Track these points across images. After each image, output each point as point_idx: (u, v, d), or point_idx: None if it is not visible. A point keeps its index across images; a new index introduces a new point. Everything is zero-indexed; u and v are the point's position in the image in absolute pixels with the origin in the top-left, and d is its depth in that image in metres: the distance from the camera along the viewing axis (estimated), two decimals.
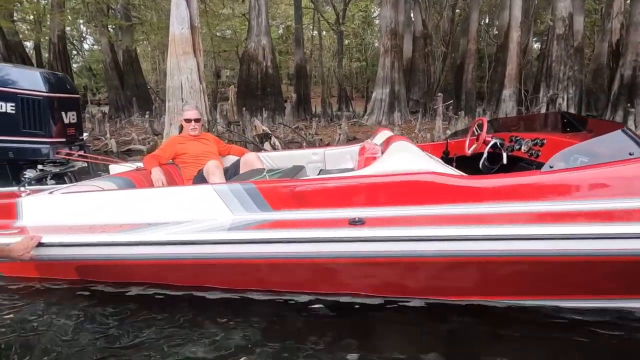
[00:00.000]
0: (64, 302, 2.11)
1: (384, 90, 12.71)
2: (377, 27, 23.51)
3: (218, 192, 2.17)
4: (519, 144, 2.87)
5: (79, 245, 2.06)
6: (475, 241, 1.82)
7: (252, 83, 13.47)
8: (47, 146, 3.09)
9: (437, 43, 15.26)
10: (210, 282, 2.14)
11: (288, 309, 2.03)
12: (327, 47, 22.98)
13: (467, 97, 14.05)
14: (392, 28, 12.48)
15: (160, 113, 12.78)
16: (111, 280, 2.21)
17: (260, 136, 7.79)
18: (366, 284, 2.04)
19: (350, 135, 10.10)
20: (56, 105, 3.16)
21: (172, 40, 7.43)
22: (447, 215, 1.96)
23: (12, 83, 3.00)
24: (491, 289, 1.99)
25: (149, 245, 2.00)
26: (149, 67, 23.57)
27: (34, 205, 2.34)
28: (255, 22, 13.25)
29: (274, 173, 2.76)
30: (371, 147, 2.39)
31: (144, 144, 9.52)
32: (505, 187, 2.00)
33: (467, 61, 14.08)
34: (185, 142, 3.38)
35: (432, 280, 1.99)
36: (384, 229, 1.88)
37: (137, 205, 2.26)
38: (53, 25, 15.11)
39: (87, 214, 2.27)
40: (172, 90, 7.54)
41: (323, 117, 14.07)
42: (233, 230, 1.98)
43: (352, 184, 2.08)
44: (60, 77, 3.34)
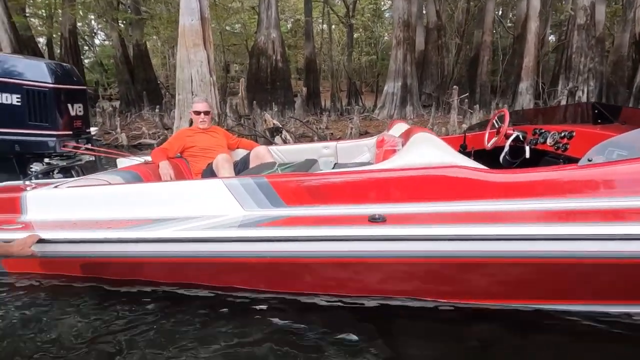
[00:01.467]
0: (68, 299, 2.03)
1: (396, 83, 12.46)
2: (387, 19, 23.14)
3: (228, 187, 2.05)
4: (544, 137, 2.70)
5: (84, 242, 1.97)
6: (507, 241, 1.67)
7: (261, 77, 13.34)
8: (54, 139, 3.01)
9: (450, 35, 14.87)
10: (220, 281, 2.03)
11: (302, 310, 1.91)
12: (336, 41, 22.69)
13: (482, 90, 13.69)
14: (405, 20, 12.18)
15: (170, 107, 12.76)
16: (118, 278, 2.11)
17: (271, 130, 7.67)
18: (387, 285, 1.91)
19: (362, 130, 9.92)
20: (62, 97, 3.07)
21: (182, 32, 7.32)
22: (476, 212, 1.80)
23: (17, 74, 2.92)
24: (523, 292, 1.83)
25: (156, 243, 1.89)
26: (159, 62, 23.58)
27: (38, 199, 2.25)
28: (265, 15, 13.08)
29: (286, 167, 2.64)
30: (390, 140, 2.24)
31: (154, 138, 9.49)
32: (539, 182, 1.84)
33: (482, 53, 13.70)
34: (194, 135, 3.29)
35: (458, 282, 1.84)
36: (407, 226, 1.73)
37: (144, 200, 2.16)
38: (64, 20, 15.17)
39: (93, 208, 2.17)
40: (182, 83, 7.45)
41: (333, 112, 13.89)
42: (245, 227, 1.86)
43: (371, 178, 1.94)
44: (67, 69, 3.26)
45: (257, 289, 2.00)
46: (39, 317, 1.89)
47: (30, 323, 1.85)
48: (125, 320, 1.86)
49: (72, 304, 2.00)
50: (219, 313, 1.91)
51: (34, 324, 1.85)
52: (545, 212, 1.75)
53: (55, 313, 1.93)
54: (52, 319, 1.88)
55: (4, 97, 2.86)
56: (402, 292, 1.91)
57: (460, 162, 1.92)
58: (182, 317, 1.88)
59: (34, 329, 1.82)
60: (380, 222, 1.76)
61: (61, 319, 1.88)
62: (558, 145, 2.51)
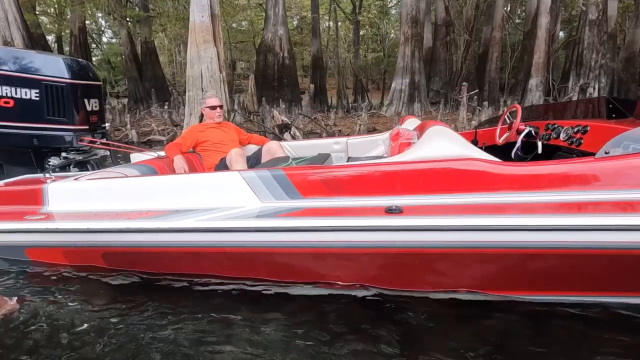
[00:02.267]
0: (89, 289, 2.07)
1: (404, 80, 12.41)
2: (394, 16, 22.99)
3: (246, 179, 2.08)
4: (557, 132, 2.69)
5: (105, 232, 2.01)
6: (524, 232, 1.68)
7: (268, 74, 13.36)
8: (71, 134, 3.07)
9: (459, 31, 14.74)
10: (239, 271, 2.06)
11: (319, 300, 1.93)
12: (342, 38, 22.62)
13: (491, 87, 13.58)
14: (413, 16, 12.11)
15: (178, 105, 12.84)
16: (138, 269, 2.15)
17: (280, 126, 7.70)
18: (404, 276, 1.92)
19: (370, 127, 9.90)
20: (79, 93, 3.12)
21: (192, 28, 7.36)
22: (493, 204, 1.81)
23: (35, 70, 2.98)
24: (539, 284, 1.84)
25: (176, 233, 1.93)
26: (166, 59, 23.70)
27: (60, 191, 2.30)
28: (272, 12, 13.09)
29: (300, 160, 2.66)
30: (406, 133, 2.25)
31: (163, 135, 9.57)
32: (556, 174, 1.84)
33: (491, 50, 13.58)
34: (206, 130, 3.33)
35: (476, 273, 1.86)
36: (424, 217, 1.75)
37: (163, 191, 2.20)
38: (74, 17, 15.33)
39: (112, 200, 2.22)
40: (192, 80, 7.50)
41: (339, 109, 13.88)
42: (263, 218, 1.89)
43: (387, 171, 1.95)
44: (83, 64, 3.31)
45: (275, 279, 2.03)
46: (60, 306, 1.94)
47: (50, 312, 1.89)
48: (143, 310, 1.90)
49: (91, 294, 2.04)
50: (238, 303, 1.94)
51: (54, 313, 1.89)
52: (562, 204, 1.76)
53: (76, 303, 1.97)
54: (72, 309, 1.92)
55: (23, 92, 2.92)
56: (419, 283, 1.92)
57: (475, 154, 1.93)
58: (201, 306, 1.92)
59: (51, 318, 1.85)
60: (397, 213, 1.78)
61: (81, 309, 1.92)
62: (572, 140, 2.50)
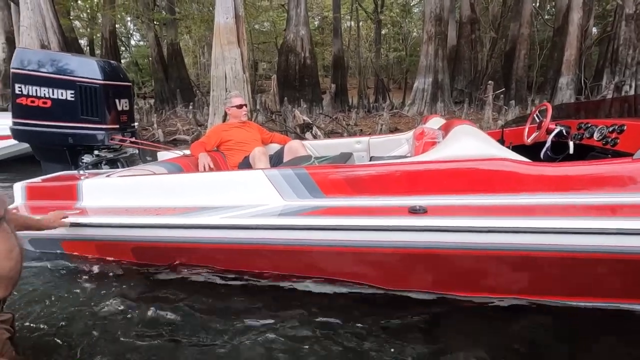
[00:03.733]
0: (118, 281, 2.16)
1: (427, 79, 12.20)
2: (416, 15, 22.63)
3: (269, 177, 2.11)
4: (590, 131, 2.57)
5: (134, 227, 2.09)
6: (555, 234, 1.62)
7: (290, 74, 13.44)
8: (103, 132, 3.20)
9: (485, 28, 14.34)
10: (261, 267, 2.09)
11: (340, 298, 1.94)
12: (364, 37, 22.46)
13: (518, 85, 13.15)
14: (437, 14, 11.89)
15: (202, 105, 13.12)
16: (165, 263, 2.22)
17: (301, 126, 7.74)
18: (426, 277, 1.90)
19: (392, 126, 9.80)
20: (111, 93, 3.25)
21: (217, 30, 7.51)
22: (522, 205, 1.76)
23: (71, 71, 3.13)
24: (568, 288, 1.77)
25: (202, 229, 1.98)
26: (190, 61, 24.29)
27: (93, 187, 2.40)
28: (294, 13, 13.17)
29: (322, 160, 2.67)
30: (430, 132, 2.22)
31: (188, 134, 9.80)
32: (590, 175, 1.77)
33: (518, 47, 13.14)
34: (229, 129, 3.39)
35: (502, 276, 1.80)
36: (449, 218, 1.72)
37: (189, 189, 2.26)
38: (105, 21, 15.95)
39: (142, 196, 2.30)
40: (216, 80, 7.65)
41: (361, 108, 13.80)
42: (285, 216, 1.90)
43: (411, 170, 1.93)
44: (114, 66, 3.45)
45: (297, 275, 2.05)
46: (90, 297, 2.02)
47: (81, 303, 1.98)
48: (170, 302, 1.95)
49: (122, 285, 2.13)
50: (259, 297, 1.98)
51: (85, 304, 1.97)
52: (596, 207, 1.69)
53: (106, 295, 2.05)
54: (102, 301, 1.99)
55: (60, 93, 3.08)
56: (444, 284, 1.89)
57: (504, 154, 1.88)
58: (223, 299, 1.96)
59: (82, 307, 1.94)
60: (421, 214, 1.75)
61: (110, 301, 1.99)
62: (606, 140, 2.39)
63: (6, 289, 1.22)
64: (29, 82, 3.02)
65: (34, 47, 9.86)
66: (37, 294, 2.04)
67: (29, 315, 1.84)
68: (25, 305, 1.93)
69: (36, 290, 2.07)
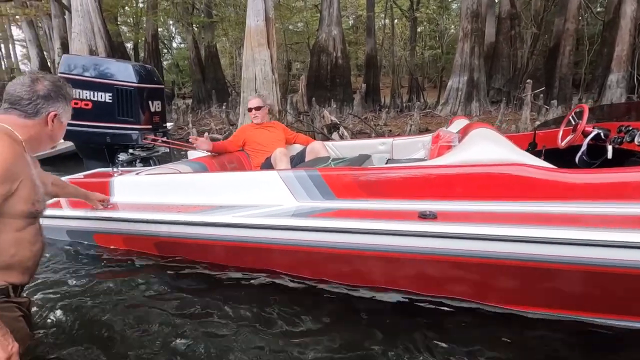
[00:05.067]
0: (141, 273, 2.29)
1: (461, 78, 11.81)
2: (454, 11, 21.92)
3: (283, 178, 2.17)
4: (632, 135, 2.40)
5: (156, 223, 2.23)
6: (571, 246, 1.54)
7: (321, 74, 13.53)
8: (137, 132, 3.42)
9: (526, 24, 13.62)
10: (271, 267, 2.16)
11: (349, 301, 1.95)
12: (398, 36, 22.09)
13: (561, 84, 12.37)
14: (474, 10, 11.48)
15: (235, 105, 13.52)
16: (184, 257, 2.35)
17: (329, 126, 7.78)
18: (433, 283, 1.87)
19: (422, 127, 9.60)
20: (145, 95, 3.47)
21: (248, 32, 7.73)
22: (538, 213, 1.69)
23: (110, 75, 3.37)
24: (590, 305, 1.67)
25: (215, 227, 2.08)
26: (227, 62, 25.09)
27: (123, 184, 2.59)
28: (326, 13, 13.23)
29: (339, 161, 2.69)
30: (446, 135, 2.17)
31: (220, 133, 10.16)
32: (619, 184, 1.66)
33: (563, 43, 12.35)
34: (253, 130, 3.50)
35: (512, 287, 1.74)
36: (459, 225, 1.68)
37: (209, 188, 2.37)
38: (148, 26, 16.88)
39: (165, 194, 2.44)
40: (247, 82, 7.88)
41: (392, 108, 13.61)
42: (295, 217, 1.95)
43: (423, 174, 1.91)
44: (149, 70, 3.66)
45: (305, 276, 2.09)
46: (112, 287, 2.15)
47: (103, 292, 2.10)
48: (185, 297, 2.04)
49: (142, 277, 2.25)
50: (269, 295, 2.03)
51: (106, 293, 2.09)
52: (625, 218, 1.58)
53: (126, 284, 2.17)
54: (122, 290, 2.11)
55: (99, 95, 3.34)
56: (449, 291, 1.86)
57: (523, 159, 1.81)
58: (234, 295, 2.03)
59: (105, 297, 2.06)
60: (431, 219, 1.73)
61: (130, 291, 2.11)
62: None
63: (22, 276, 1.34)
64: (74, 86, 3.25)
65: (84, 52, 10.65)
66: (62, 280, 2.22)
67: (52, 299, 2.00)
68: (51, 289, 2.10)
69: (62, 276, 2.25)
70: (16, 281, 1.32)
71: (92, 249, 2.59)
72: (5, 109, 1.32)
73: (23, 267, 1.34)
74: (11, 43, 26.62)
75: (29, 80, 1.31)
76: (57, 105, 1.36)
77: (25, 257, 1.34)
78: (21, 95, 1.30)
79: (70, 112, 1.45)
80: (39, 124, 1.34)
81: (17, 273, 1.32)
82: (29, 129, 1.32)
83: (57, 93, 1.35)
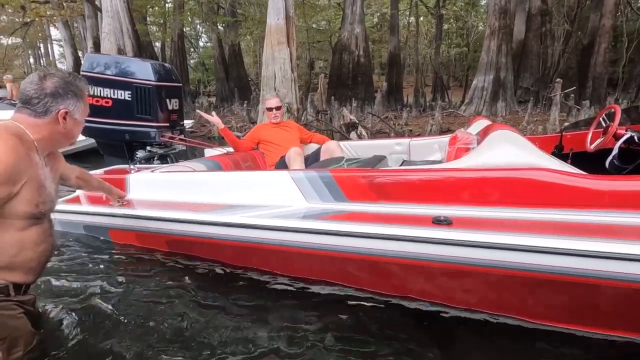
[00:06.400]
0: (151, 269, 2.32)
1: (487, 77, 11.40)
2: (482, 7, 21.24)
3: (294, 179, 2.13)
4: None
5: (168, 221, 2.24)
6: (595, 259, 1.42)
7: (343, 73, 13.41)
8: (155, 130, 3.47)
9: (558, 20, 13.01)
10: (279, 269, 2.13)
11: (356, 305, 1.89)
12: (423, 34, 21.64)
13: (595, 83, 11.75)
14: (502, 6, 11.04)
15: (257, 102, 13.65)
16: (195, 255, 2.36)
17: (347, 125, 7.70)
18: (445, 292, 1.78)
19: (444, 127, 9.34)
20: (163, 94, 3.51)
21: (269, 31, 7.75)
22: (561, 222, 1.57)
23: (130, 74, 3.43)
24: (611, 321, 1.55)
25: (224, 227, 2.06)
26: (251, 60, 25.35)
27: (138, 181, 2.63)
28: (349, 11, 13.10)
29: (352, 162, 2.63)
30: (464, 137, 2.07)
31: (240, 131, 10.26)
32: None
33: (598, 40, 11.72)
34: (268, 129, 3.49)
35: (524, 298, 1.63)
36: (475, 232, 1.59)
37: (221, 187, 2.37)
38: (174, 25, 17.28)
39: (179, 192, 2.46)
40: (266, 80, 7.91)
41: (415, 107, 13.34)
42: (305, 219, 1.91)
43: (439, 178, 1.82)
44: (167, 68, 3.71)
45: (313, 278, 2.05)
46: (128, 283, 2.18)
47: (118, 288, 2.13)
48: (194, 295, 2.04)
49: (153, 273, 2.27)
50: (275, 296, 2.00)
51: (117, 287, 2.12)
52: None
53: (137, 281, 2.19)
54: (131, 287, 2.13)
55: (119, 93, 3.40)
56: (461, 300, 1.77)
57: (547, 164, 1.69)
58: (240, 295, 2.02)
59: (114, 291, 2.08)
60: (445, 225, 1.65)
61: (138, 288, 2.12)
62: None
63: (26, 276, 1.34)
64: (95, 84, 3.38)
65: (113, 51, 11.01)
66: (74, 273, 2.26)
67: (63, 292, 2.03)
68: (63, 282, 2.15)
69: (75, 270, 2.30)
70: (19, 280, 1.32)
71: (106, 244, 2.64)
72: (19, 107, 1.32)
73: (26, 268, 1.33)
74: (49, 43, 28.05)
75: (37, 78, 1.30)
76: (67, 102, 1.33)
77: (28, 258, 1.32)
78: (30, 94, 1.29)
79: (84, 108, 1.42)
80: (49, 123, 1.32)
81: (20, 273, 1.32)
82: (40, 128, 1.31)
83: (66, 89, 1.33)
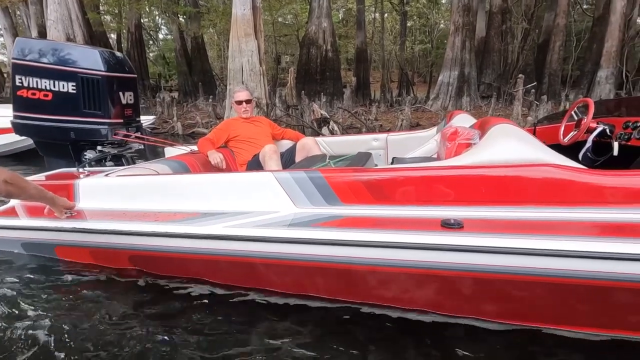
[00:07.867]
0: (112, 292, 1.97)
1: (452, 72, 11.63)
2: (444, 6, 21.78)
3: (279, 181, 1.85)
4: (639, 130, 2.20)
5: (131, 234, 1.88)
6: (622, 261, 1.30)
7: (311, 67, 13.17)
8: (106, 127, 3.03)
9: (517, 19, 13.53)
10: (266, 285, 1.85)
11: (354, 320, 1.67)
12: (388, 30, 21.83)
13: (551, 79, 12.37)
14: (465, 3, 11.27)
15: (222, 97, 13.07)
16: (165, 274, 2.02)
17: (319, 121, 7.46)
18: (456, 303, 1.60)
19: (413, 122, 9.38)
20: (115, 86, 3.08)
21: (235, 22, 7.31)
22: (580, 222, 1.44)
23: (72, 62, 2.96)
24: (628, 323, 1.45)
25: (202, 239, 1.75)
26: (215, 54, 24.36)
27: (90, 187, 2.22)
28: (316, 4, 12.85)
29: (338, 160, 2.40)
30: (465, 132, 1.90)
31: (206, 127, 9.72)
32: None
33: (553, 39, 12.33)
34: (238, 124, 3.18)
35: (555, 306, 1.49)
36: (491, 236, 1.41)
37: (193, 191, 2.03)
38: (130, 15, 16.14)
39: (141, 199, 2.09)
40: (233, 73, 7.48)
41: (382, 103, 13.38)
42: (297, 227, 1.64)
43: (444, 176, 1.63)
44: (119, 58, 3.26)
45: (308, 293, 1.80)
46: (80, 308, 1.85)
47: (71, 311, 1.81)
48: (165, 318, 1.75)
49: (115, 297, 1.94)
50: (265, 316, 1.74)
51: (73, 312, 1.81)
52: None
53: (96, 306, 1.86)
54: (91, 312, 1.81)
55: (61, 85, 2.92)
56: (478, 311, 1.59)
57: (553, 159, 1.56)
58: (226, 318, 1.74)
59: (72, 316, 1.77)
60: (457, 229, 1.46)
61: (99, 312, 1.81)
62: None
63: None
64: (30, 74, 2.87)
65: (61, 40, 10.00)
66: (22, 300, 1.89)
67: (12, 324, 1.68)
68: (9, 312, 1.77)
69: (21, 297, 1.92)
70: None
71: (53, 264, 2.21)
72: None
73: None
74: None
75: None
76: None
77: None
78: None
79: None
80: None
81: None
82: None
83: None
